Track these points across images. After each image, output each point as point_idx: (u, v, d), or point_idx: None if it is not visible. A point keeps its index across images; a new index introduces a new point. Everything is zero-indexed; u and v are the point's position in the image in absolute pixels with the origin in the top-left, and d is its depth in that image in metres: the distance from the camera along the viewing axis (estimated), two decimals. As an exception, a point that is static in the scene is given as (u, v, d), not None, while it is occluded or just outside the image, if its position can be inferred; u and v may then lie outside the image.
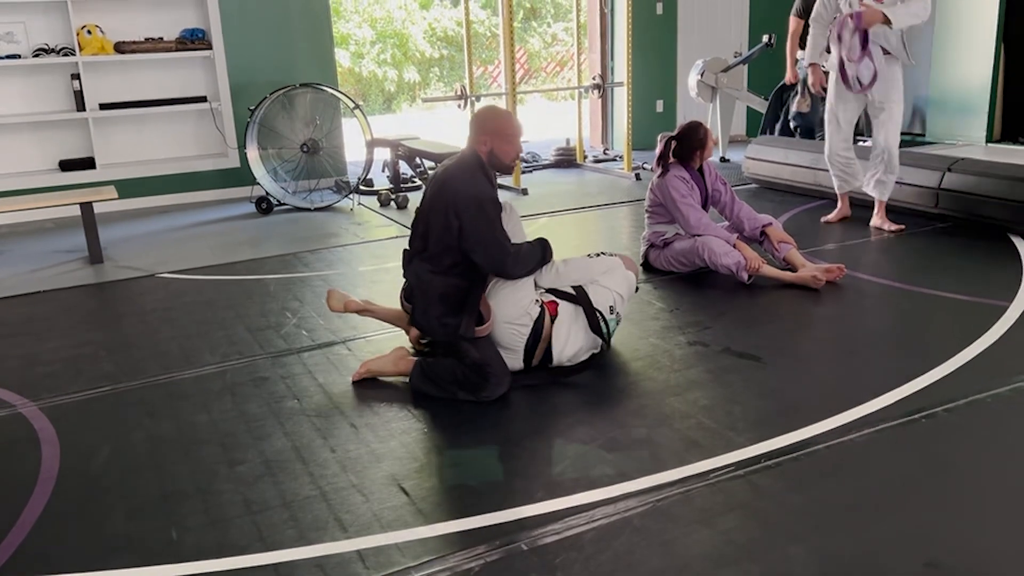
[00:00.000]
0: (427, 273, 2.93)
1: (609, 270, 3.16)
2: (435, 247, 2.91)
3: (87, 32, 6.35)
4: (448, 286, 2.90)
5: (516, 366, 2.97)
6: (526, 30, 16.47)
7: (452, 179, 2.91)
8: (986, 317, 3.36)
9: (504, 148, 2.98)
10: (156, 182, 6.76)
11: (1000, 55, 7.68)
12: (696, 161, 4.15)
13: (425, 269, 2.94)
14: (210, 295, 4.24)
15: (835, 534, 2.01)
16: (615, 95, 8.56)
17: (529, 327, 2.93)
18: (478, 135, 2.98)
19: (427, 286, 2.92)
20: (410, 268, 3.01)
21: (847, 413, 2.59)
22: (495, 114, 3.05)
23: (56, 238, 5.74)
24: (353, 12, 15.47)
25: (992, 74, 7.68)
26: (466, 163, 2.96)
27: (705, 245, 3.96)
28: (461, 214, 2.83)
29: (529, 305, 2.95)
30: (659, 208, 4.20)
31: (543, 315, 2.95)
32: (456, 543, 2.03)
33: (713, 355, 3.16)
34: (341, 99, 6.65)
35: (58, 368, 3.33)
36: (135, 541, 2.12)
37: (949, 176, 4.87)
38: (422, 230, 2.98)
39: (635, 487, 2.22)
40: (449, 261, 2.90)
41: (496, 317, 2.92)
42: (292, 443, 2.59)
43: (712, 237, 3.98)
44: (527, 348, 2.95)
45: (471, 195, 2.85)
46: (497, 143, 2.97)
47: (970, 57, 7.80)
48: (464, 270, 2.91)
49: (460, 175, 2.92)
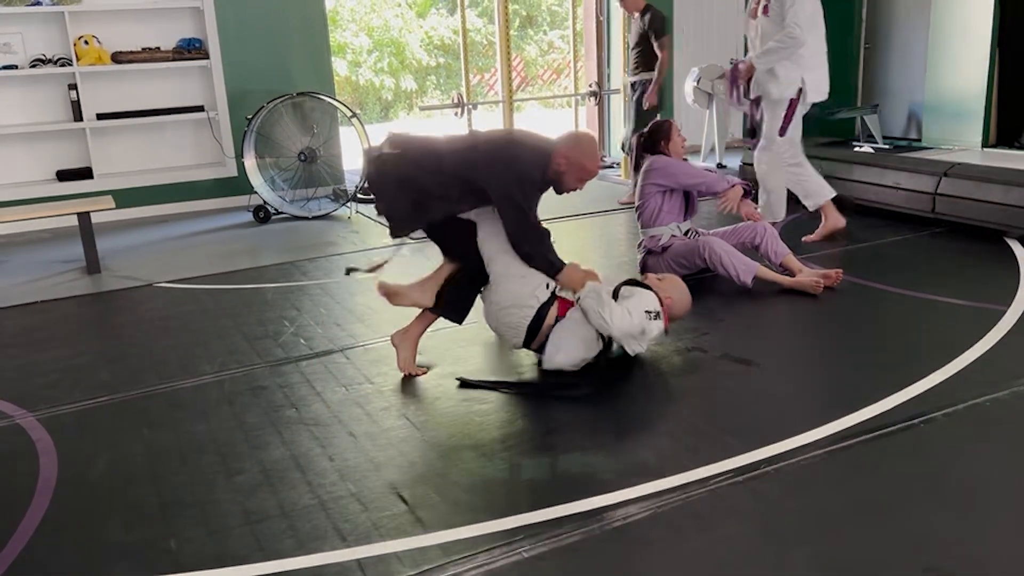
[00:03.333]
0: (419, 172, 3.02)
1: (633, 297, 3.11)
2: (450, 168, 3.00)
3: (84, 42, 6.36)
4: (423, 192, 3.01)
5: (517, 343, 3.09)
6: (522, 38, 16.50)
7: (521, 149, 3.02)
8: (984, 321, 3.36)
9: (571, 182, 3.09)
10: (154, 192, 6.77)
11: (995, 60, 7.70)
12: (666, 154, 4.21)
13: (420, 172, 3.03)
14: (208, 304, 4.24)
15: (835, 539, 2.00)
16: (611, 102, 8.58)
17: (534, 309, 3.01)
18: (566, 154, 3.04)
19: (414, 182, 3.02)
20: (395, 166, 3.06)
21: (846, 418, 2.59)
22: (593, 154, 3.11)
23: (53, 248, 5.73)
24: (350, 21, 15.49)
25: (987, 79, 7.70)
26: (539, 155, 3.04)
27: (706, 245, 3.96)
28: (507, 182, 2.95)
29: (538, 287, 3.03)
30: (651, 199, 4.19)
31: (551, 304, 3.02)
32: (455, 552, 2.02)
33: (712, 361, 3.16)
34: (338, 107, 6.65)
35: (56, 378, 3.32)
36: (133, 551, 2.11)
37: (945, 181, 4.88)
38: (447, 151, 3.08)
39: (634, 494, 2.22)
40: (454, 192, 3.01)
41: (502, 301, 3.04)
42: (290, 452, 2.59)
43: (713, 238, 4.00)
44: (530, 328, 3.03)
45: (529, 176, 2.98)
46: (572, 174, 3.07)
47: (965, 62, 7.82)
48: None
49: (529, 158, 3.01)
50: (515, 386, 2.99)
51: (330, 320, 3.88)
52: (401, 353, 3.17)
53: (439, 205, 3.05)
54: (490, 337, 3.39)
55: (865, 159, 5.63)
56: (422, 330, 3.22)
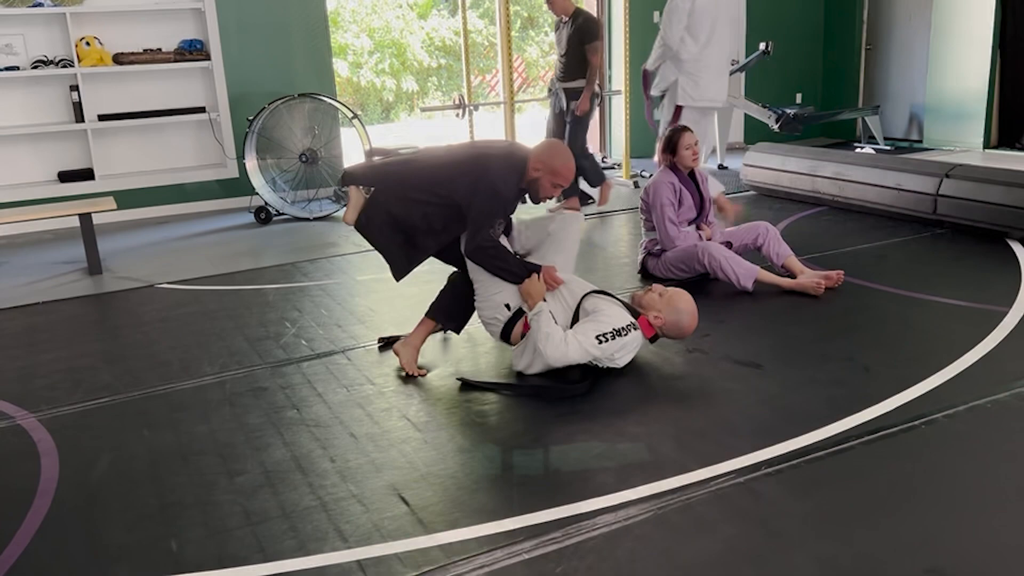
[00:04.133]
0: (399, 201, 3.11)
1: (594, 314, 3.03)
2: (426, 183, 3.08)
3: (86, 44, 6.36)
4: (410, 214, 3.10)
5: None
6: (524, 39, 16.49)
7: (492, 160, 3.07)
8: (985, 323, 3.36)
9: (546, 187, 3.14)
10: (155, 193, 6.77)
11: (997, 61, 7.71)
12: (676, 165, 4.17)
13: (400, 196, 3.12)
14: (209, 305, 4.24)
15: (836, 541, 2.00)
16: (613, 103, 8.58)
17: (500, 325, 3.14)
18: (537, 160, 3.10)
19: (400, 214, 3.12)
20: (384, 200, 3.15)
21: (847, 419, 2.59)
22: (564, 160, 3.14)
23: (55, 249, 5.74)
24: (351, 22, 15.49)
25: (989, 80, 7.70)
26: (513, 163, 3.09)
27: (705, 250, 3.96)
28: (475, 192, 2.99)
29: (499, 308, 3.11)
30: (651, 211, 4.20)
31: (516, 320, 3.09)
32: (457, 553, 2.02)
33: (713, 362, 3.16)
34: (339, 109, 6.66)
35: (57, 379, 3.32)
36: (134, 552, 2.11)
37: (947, 182, 4.88)
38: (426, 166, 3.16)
39: (636, 495, 2.22)
40: (424, 197, 3.08)
41: (481, 312, 3.19)
42: (292, 453, 2.59)
43: (712, 243, 4.00)
44: (503, 338, 3.18)
45: (496, 188, 3.02)
46: (546, 180, 3.13)
47: (967, 63, 7.82)
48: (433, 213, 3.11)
49: (500, 169, 3.06)
50: (515, 387, 2.99)
51: (331, 321, 3.88)
52: (403, 358, 3.20)
53: (427, 241, 3.15)
54: (490, 337, 3.40)
55: (866, 160, 5.63)
56: (423, 338, 3.27)
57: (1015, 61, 7.72)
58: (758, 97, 8.09)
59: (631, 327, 2.96)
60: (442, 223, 3.11)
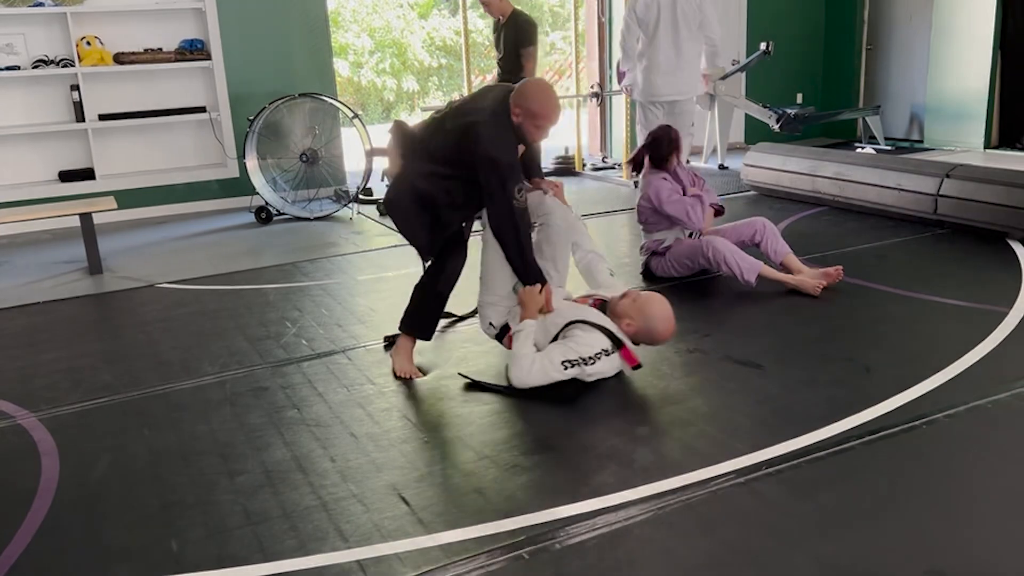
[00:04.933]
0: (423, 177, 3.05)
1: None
2: (438, 153, 3.03)
3: (86, 43, 6.37)
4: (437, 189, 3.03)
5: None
6: (524, 39, 16.45)
7: (480, 126, 2.93)
8: (986, 323, 3.35)
9: (531, 131, 2.99)
10: (155, 192, 6.78)
11: (997, 61, 7.70)
12: (671, 164, 4.19)
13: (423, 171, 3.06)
14: (209, 305, 4.24)
15: (837, 541, 2.00)
16: (613, 103, 8.58)
17: (493, 333, 3.20)
18: (516, 106, 2.95)
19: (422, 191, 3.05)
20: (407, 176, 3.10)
21: (848, 420, 2.59)
22: (543, 97, 2.98)
23: (55, 249, 5.74)
24: (352, 22, 15.50)
25: (989, 80, 7.70)
26: (500, 119, 2.95)
27: (710, 244, 3.95)
28: (478, 165, 2.92)
29: (486, 326, 3.19)
30: (654, 216, 4.19)
31: (504, 334, 3.14)
32: (457, 552, 2.02)
33: (713, 362, 3.16)
34: (340, 108, 6.66)
35: (57, 379, 3.32)
36: (135, 552, 2.11)
37: (947, 182, 4.88)
38: (428, 135, 3.11)
39: (636, 495, 2.22)
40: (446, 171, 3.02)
41: (481, 314, 3.23)
42: (292, 453, 2.59)
43: (716, 236, 3.99)
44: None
45: (491, 156, 2.90)
46: (528, 123, 2.96)
47: (967, 63, 7.82)
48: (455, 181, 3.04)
49: (489, 131, 2.92)
50: (515, 388, 2.98)
51: (332, 321, 3.88)
52: (397, 363, 3.18)
53: (451, 215, 3.09)
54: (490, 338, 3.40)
55: (867, 160, 5.63)
56: (410, 348, 3.23)
57: (1016, 61, 7.72)
58: (759, 97, 8.09)
59: (602, 354, 2.84)
60: (463, 197, 3.05)
